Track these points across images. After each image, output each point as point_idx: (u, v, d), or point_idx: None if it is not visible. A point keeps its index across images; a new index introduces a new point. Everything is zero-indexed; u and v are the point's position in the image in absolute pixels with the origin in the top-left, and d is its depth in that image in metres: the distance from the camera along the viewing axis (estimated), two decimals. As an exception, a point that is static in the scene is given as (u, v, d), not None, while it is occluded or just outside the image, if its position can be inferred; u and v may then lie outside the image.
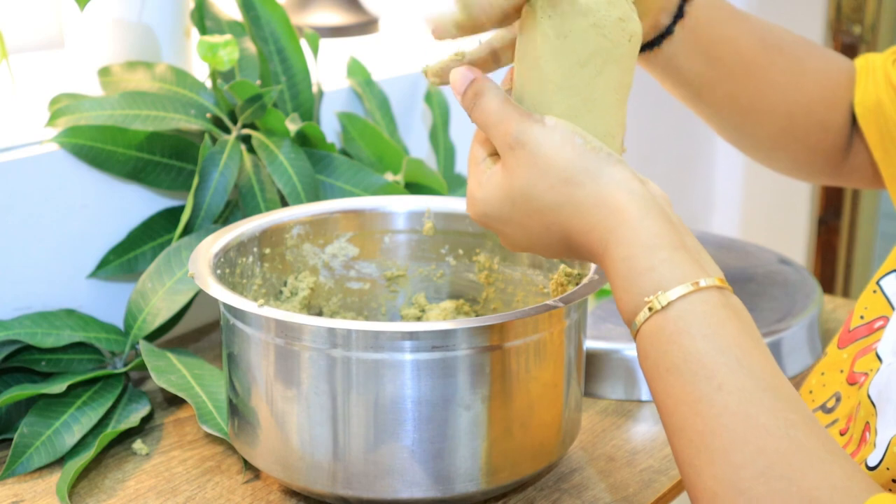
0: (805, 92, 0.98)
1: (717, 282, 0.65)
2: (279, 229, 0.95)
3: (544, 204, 0.70)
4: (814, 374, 0.86)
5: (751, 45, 0.95)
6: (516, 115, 0.71)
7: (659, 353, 0.64)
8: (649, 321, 0.65)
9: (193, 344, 1.11)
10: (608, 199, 0.68)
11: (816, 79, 0.98)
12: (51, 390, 0.91)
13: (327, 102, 1.19)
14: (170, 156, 1.05)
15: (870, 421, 0.72)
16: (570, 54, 0.71)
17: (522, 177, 0.70)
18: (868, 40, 2.07)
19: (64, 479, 0.85)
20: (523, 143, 0.70)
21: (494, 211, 0.73)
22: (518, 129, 0.70)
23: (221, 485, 0.87)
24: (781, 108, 0.97)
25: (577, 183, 0.68)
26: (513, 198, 0.71)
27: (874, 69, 0.97)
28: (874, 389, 0.73)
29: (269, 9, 1.12)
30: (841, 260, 2.18)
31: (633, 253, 0.66)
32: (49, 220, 1.01)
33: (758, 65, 0.95)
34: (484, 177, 0.73)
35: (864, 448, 0.72)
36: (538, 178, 0.69)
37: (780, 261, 1.20)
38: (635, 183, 0.68)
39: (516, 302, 0.97)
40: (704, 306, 0.64)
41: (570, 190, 0.68)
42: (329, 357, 0.78)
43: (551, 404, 0.83)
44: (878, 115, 0.96)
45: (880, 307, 0.81)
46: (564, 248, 0.72)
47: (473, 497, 0.82)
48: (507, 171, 0.71)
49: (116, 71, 1.08)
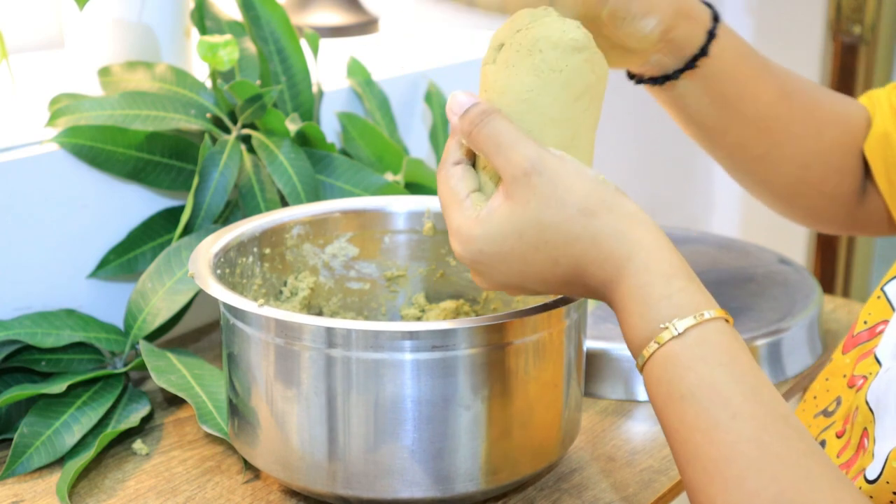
0: (821, 140, 0.97)
1: (724, 314, 0.67)
2: (279, 229, 0.95)
3: (559, 236, 0.68)
4: (818, 381, 0.86)
5: (770, 96, 0.94)
6: (531, 141, 0.69)
7: (674, 379, 0.65)
8: (664, 347, 0.65)
9: (193, 344, 1.11)
10: (625, 230, 0.68)
11: (832, 126, 0.97)
12: (51, 390, 0.91)
13: (327, 102, 1.19)
14: (170, 156, 1.05)
15: (868, 427, 0.72)
16: (567, 88, 0.71)
17: (537, 207, 0.68)
18: (868, 40, 2.07)
19: (64, 479, 0.85)
20: (541, 171, 0.68)
21: (494, 247, 0.70)
22: (536, 155, 0.68)
23: (221, 485, 0.87)
24: (798, 158, 0.97)
25: (594, 214, 0.68)
26: (521, 230, 0.69)
27: (880, 104, 0.97)
28: (872, 395, 0.72)
29: (269, 9, 1.12)
30: (841, 260, 2.18)
31: (651, 280, 0.67)
32: (49, 220, 1.01)
33: (775, 116, 0.94)
34: (482, 211, 0.70)
35: (863, 456, 0.72)
36: (556, 209, 0.68)
37: (780, 261, 1.20)
38: (645, 215, 0.69)
39: (516, 302, 0.97)
40: (719, 336, 0.65)
41: (588, 221, 0.68)
42: (329, 357, 0.78)
43: (551, 404, 0.83)
44: (884, 145, 0.95)
45: (883, 311, 0.81)
46: (570, 282, 0.71)
47: (473, 497, 0.82)
48: (516, 201, 0.69)
49: (116, 71, 1.08)
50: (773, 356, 1.04)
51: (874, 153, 0.96)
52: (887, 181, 0.95)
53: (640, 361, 0.67)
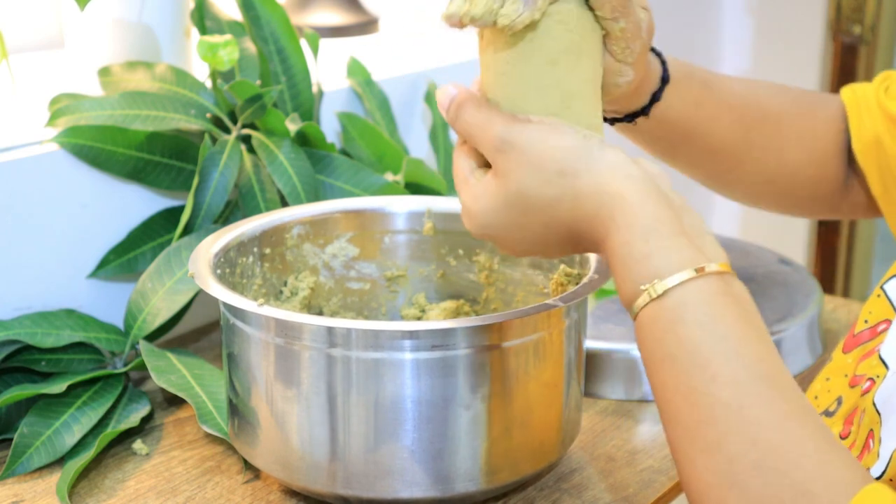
0: (789, 159, 0.97)
1: (719, 267, 0.65)
2: (279, 229, 0.95)
3: (542, 200, 0.69)
4: (819, 380, 0.85)
5: (724, 131, 0.94)
6: (499, 117, 0.71)
7: (655, 342, 0.64)
8: (646, 309, 0.65)
9: (193, 344, 1.11)
10: (606, 185, 0.67)
11: (801, 142, 0.97)
12: (51, 390, 0.91)
13: (327, 102, 1.19)
14: (170, 156, 1.05)
15: (874, 429, 0.72)
16: (541, 54, 0.71)
17: (516, 177, 0.69)
18: (868, 40, 2.07)
19: (64, 479, 0.85)
20: (512, 143, 0.69)
21: (494, 220, 0.72)
22: (504, 130, 0.70)
23: (221, 485, 0.87)
24: (760, 175, 0.97)
25: (573, 173, 0.68)
26: (510, 201, 0.70)
27: (867, 103, 0.96)
28: (880, 397, 0.72)
29: (269, 9, 1.12)
30: (841, 260, 2.18)
31: (632, 239, 0.66)
32: (49, 220, 1.01)
33: (731, 146, 0.95)
34: (478, 188, 0.72)
35: (868, 456, 0.72)
36: (532, 175, 0.69)
37: (780, 261, 1.20)
38: (632, 166, 0.68)
39: (516, 302, 0.97)
40: (702, 294, 0.64)
41: (567, 181, 0.68)
42: (329, 357, 0.78)
43: (551, 404, 0.83)
44: (877, 151, 0.95)
45: (884, 311, 0.81)
46: (568, 243, 0.71)
47: (473, 497, 0.82)
48: (499, 175, 0.70)
49: (116, 71, 1.08)
50: (773, 356, 1.04)
51: (867, 159, 0.95)
52: (882, 186, 0.95)
53: (632, 317, 0.67)
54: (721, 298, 0.64)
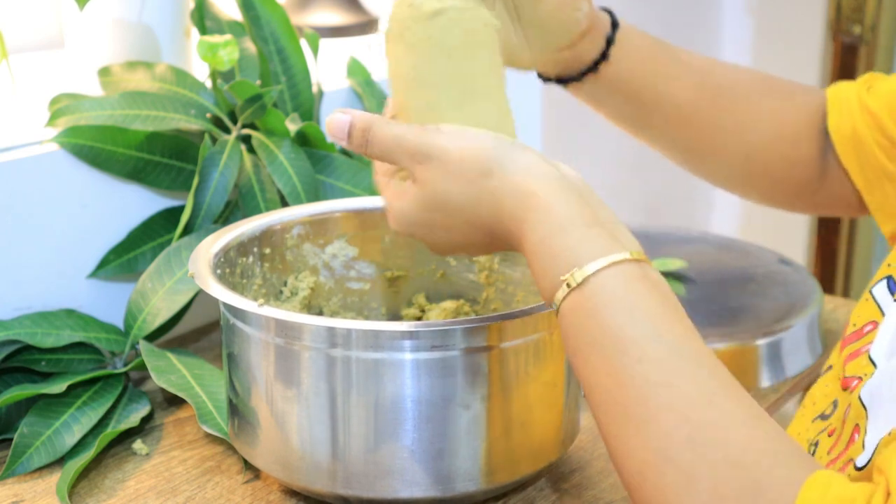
0: (760, 132, 0.99)
1: (634, 255, 0.66)
2: (279, 229, 0.95)
3: (464, 202, 0.71)
4: (818, 386, 0.86)
5: (688, 93, 0.97)
6: (411, 132, 0.73)
7: (578, 329, 0.65)
8: (567, 300, 0.66)
9: (193, 344, 1.11)
10: (520, 185, 0.69)
11: (773, 118, 0.99)
12: (51, 390, 0.91)
13: (327, 102, 1.19)
14: (170, 156, 1.05)
15: (860, 423, 0.72)
16: (440, 53, 0.73)
17: (436, 186, 0.72)
18: (868, 40, 2.07)
19: (64, 479, 0.85)
20: (429, 156, 0.71)
21: (417, 219, 0.74)
22: (419, 143, 0.72)
23: (221, 485, 0.87)
24: (732, 149, 0.99)
25: (489, 174, 0.70)
26: (434, 205, 0.72)
27: (846, 98, 0.98)
28: (866, 392, 0.73)
29: (269, 9, 1.12)
30: (841, 260, 2.18)
31: (547, 234, 0.67)
32: (49, 220, 1.01)
33: (696, 110, 0.97)
34: (400, 189, 0.75)
35: (852, 448, 0.72)
36: (452, 182, 0.71)
37: (780, 261, 1.20)
38: (545, 166, 0.70)
39: (516, 302, 0.97)
40: (620, 280, 0.65)
41: (484, 182, 0.70)
42: (329, 357, 0.78)
43: (551, 404, 0.83)
44: (855, 143, 0.96)
45: (870, 313, 0.81)
46: (492, 242, 0.73)
47: (473, 497, 0.82)
48: (419, 183, 0.72)
49: (116, 71, 1.08)
50: (773, 356, 1.04)
51: (846, 151, 0.97)
52: (864, 180, 0.97)
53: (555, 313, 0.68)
54: (640, 283, 0.65)
